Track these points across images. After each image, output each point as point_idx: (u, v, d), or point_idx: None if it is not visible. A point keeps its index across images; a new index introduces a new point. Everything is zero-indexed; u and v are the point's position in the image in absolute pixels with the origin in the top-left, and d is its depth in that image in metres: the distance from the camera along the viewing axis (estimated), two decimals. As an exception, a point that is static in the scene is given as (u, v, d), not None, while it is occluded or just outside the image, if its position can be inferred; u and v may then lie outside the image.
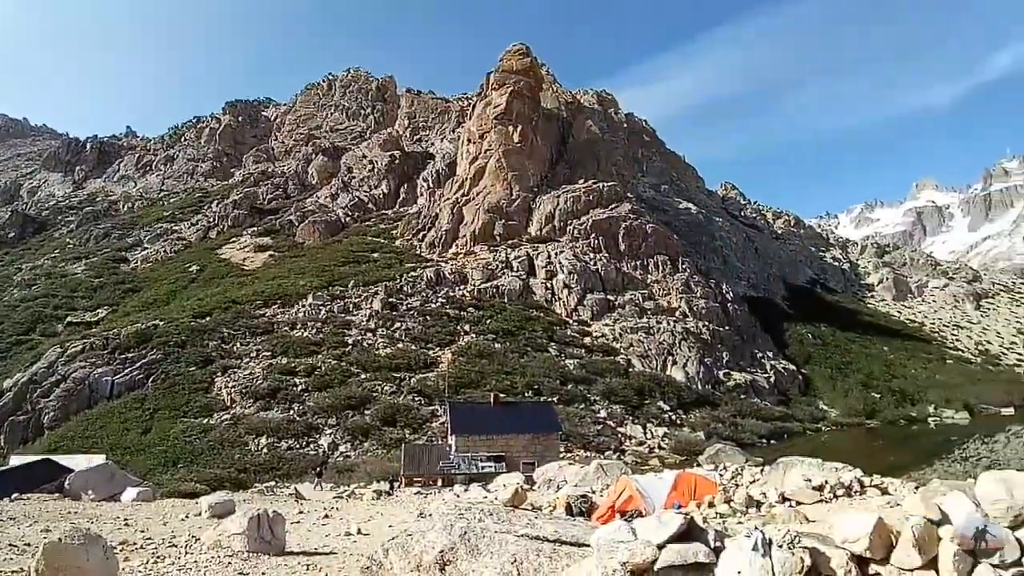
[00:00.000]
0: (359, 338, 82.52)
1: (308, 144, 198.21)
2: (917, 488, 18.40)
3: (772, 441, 71.60)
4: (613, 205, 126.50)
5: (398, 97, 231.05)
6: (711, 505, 17.08)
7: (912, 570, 5.03)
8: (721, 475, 26.12)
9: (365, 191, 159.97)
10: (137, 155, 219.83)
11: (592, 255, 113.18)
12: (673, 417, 75.01)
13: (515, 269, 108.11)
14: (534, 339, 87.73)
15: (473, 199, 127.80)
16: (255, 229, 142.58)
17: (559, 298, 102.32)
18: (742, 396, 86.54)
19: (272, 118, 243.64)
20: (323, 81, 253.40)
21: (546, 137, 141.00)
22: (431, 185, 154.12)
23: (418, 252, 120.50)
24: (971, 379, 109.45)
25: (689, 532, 5.20)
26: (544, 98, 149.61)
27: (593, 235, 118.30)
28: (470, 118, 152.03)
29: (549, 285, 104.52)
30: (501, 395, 54.23)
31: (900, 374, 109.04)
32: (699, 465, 38.43)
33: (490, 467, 41.18)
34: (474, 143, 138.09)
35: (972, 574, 4.93)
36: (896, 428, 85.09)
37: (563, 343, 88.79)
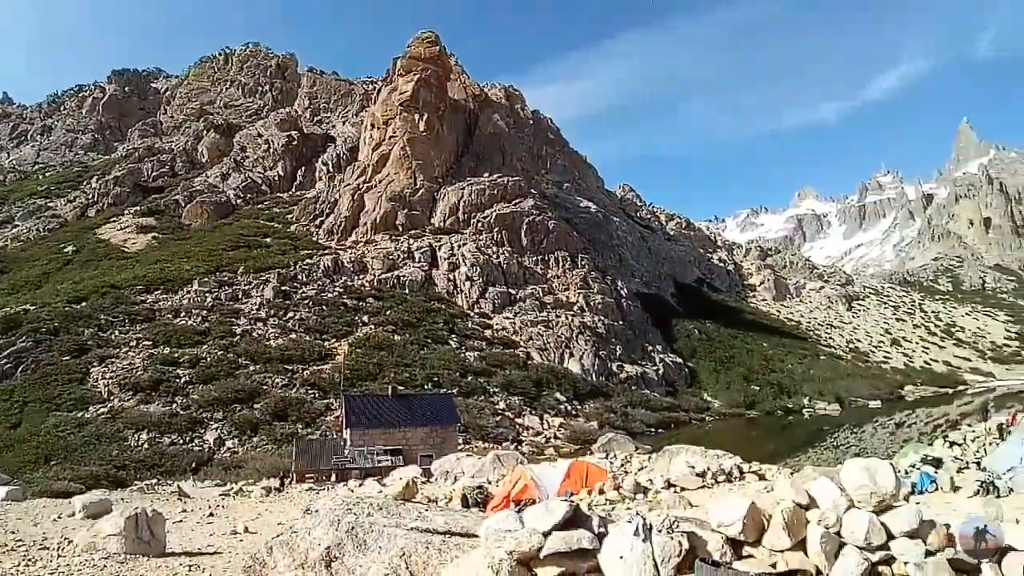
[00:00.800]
0: (248, 328, 79.07)
1: (200, 120, 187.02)
2: (792, 474, 19.71)
3: (660, 430, 74.68)
4: (517, 200, 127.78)
5: (299, 76, 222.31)
6: (601, 492, 17.60)
7: (782, 551, 5.30)
8: (612, 463, 26.97)
9: (259, 172, 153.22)
10: (11, 123, 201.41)
11: (495, 248, 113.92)
12: (569, 408, 76.83)
13: (417, 260, 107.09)
14: (435, 331, 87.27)
15: (375, 186, 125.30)
16: (138, 208, 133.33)
17: (461, 290, 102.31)
18: (633, 387, 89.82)
19: (162, 90, 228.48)
20: (219, 54, 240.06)
21: (452, 128, 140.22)
22: (331, 169, 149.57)
23: (315, 239, 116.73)
24: (842, 374, 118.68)
25: (575, 519, 5.26)
26: (451, 88, 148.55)
27: (496, 229, 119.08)
28: (375, 103, 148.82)
29: (451, 277, 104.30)
30: (399, 387, 53.56)
31: (778, 368, 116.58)
32: (592, 454, 39.52)
33: (386, 461, 40.60)
34: (378, 129, 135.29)
35: (838, 555, 5.25)
36: (774, 418, 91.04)
37: (464, 335, 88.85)
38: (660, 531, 4.94)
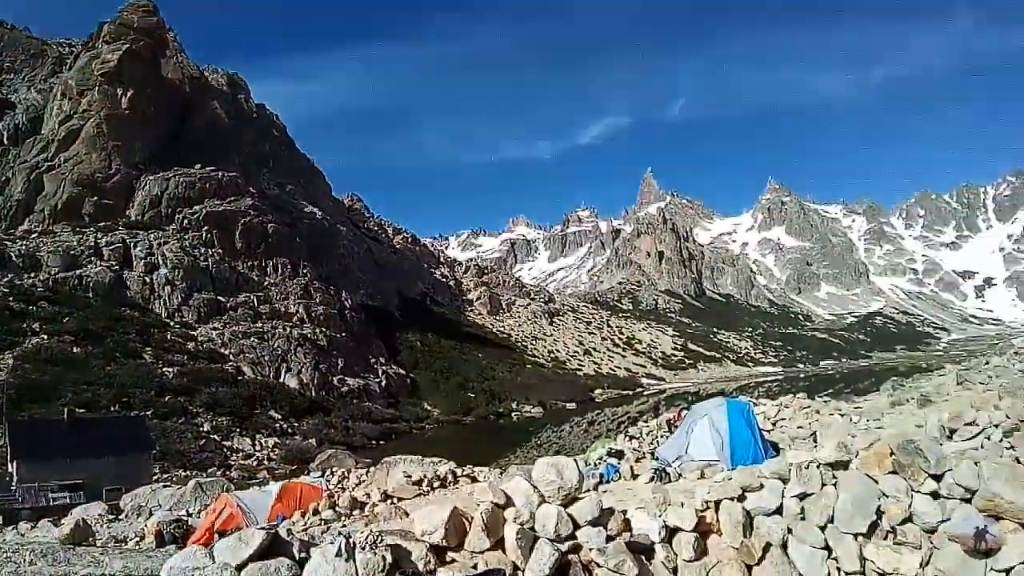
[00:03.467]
0: None
1: None
2: (501, 474, 21.00)
3: (382, 442, 74.93)
4: (233, 198, 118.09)
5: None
6: (316, 512, 17.01)
7: (482, 552, 5.56)
8: (328, 481, 26.38)
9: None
10: None
11: (204, 250, 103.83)
12: (285, 426, 73.13)
13: (106, 258, 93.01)
14: (125, 343, 76.62)
15: (59, 167, 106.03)
16: None
17: (160, 296, 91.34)
18: (355, 401, 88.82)
19: None
20: None
21: (162, 110, 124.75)
22: (4, 142, 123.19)
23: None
24: (545, 380, 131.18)
25: (274, 547, 4.90)
26: (166, 67, 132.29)
27: (207, 228, 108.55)
28: (70, 69, 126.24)
29: (148, 280, 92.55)
30: (80, 410, 46.09)
31: (491, 376, 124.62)
32: (309, 473, 38.09)
33: (64, 498, 34.60)
34: (70, 100, 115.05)
35: (533, 549, 5.67)
36: (488, 422, 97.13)
37: (162, 348, 79.38)
38: (364, 548, 4.82)
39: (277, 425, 72.34)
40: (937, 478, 6.15)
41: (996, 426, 10.85)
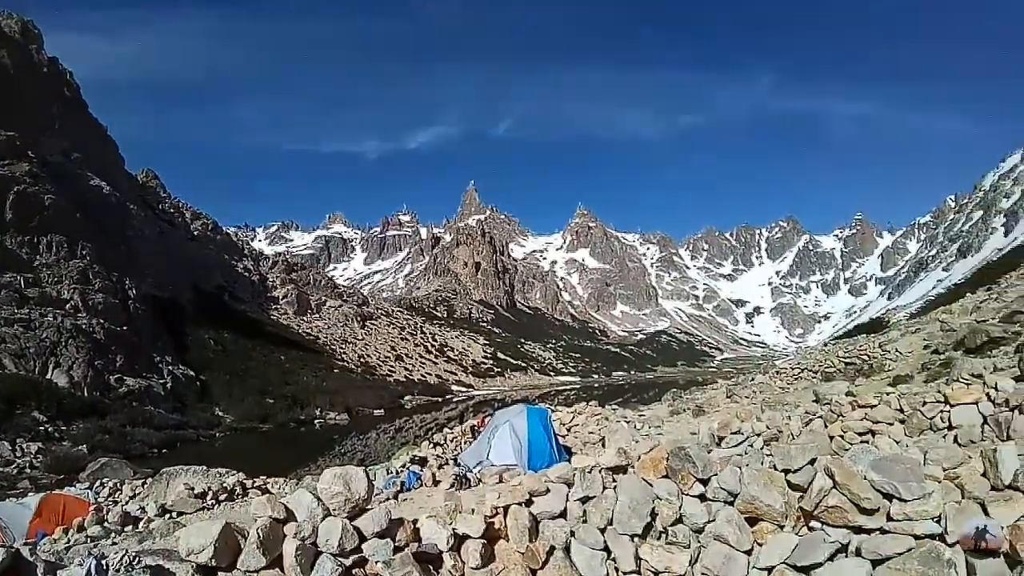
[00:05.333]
0: None
1: None
2: (297, 484, 20.08)
3: (165, 450, 68.34)
4: (8, 161, 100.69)
5: None
6: (82, 528, 15.53)
7: (257, 571, 5.15)
8: (97, 493, 24.21)
9: None
10: None
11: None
12: (51, 430, 63.99)
13: None
14: None
15: None
16: None
17: None
18: (135, 404, 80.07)
19: None
20: None
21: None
22: None
23: None
24: (353, 386, 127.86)
25: (14, 569, 4.19)
26: None
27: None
28: None
29: None
30: None
31: (294, 381, 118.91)
32: (79, 483, 33.98)
33: None
34: None
35: (314, 566, 5.37)
36: (288, 430, 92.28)
37: None
38: (118, 570, 4.28)
39: (42, 428, 63.14)
40: (704, 482, 6.75)
41: (758, 435, 12.38)
